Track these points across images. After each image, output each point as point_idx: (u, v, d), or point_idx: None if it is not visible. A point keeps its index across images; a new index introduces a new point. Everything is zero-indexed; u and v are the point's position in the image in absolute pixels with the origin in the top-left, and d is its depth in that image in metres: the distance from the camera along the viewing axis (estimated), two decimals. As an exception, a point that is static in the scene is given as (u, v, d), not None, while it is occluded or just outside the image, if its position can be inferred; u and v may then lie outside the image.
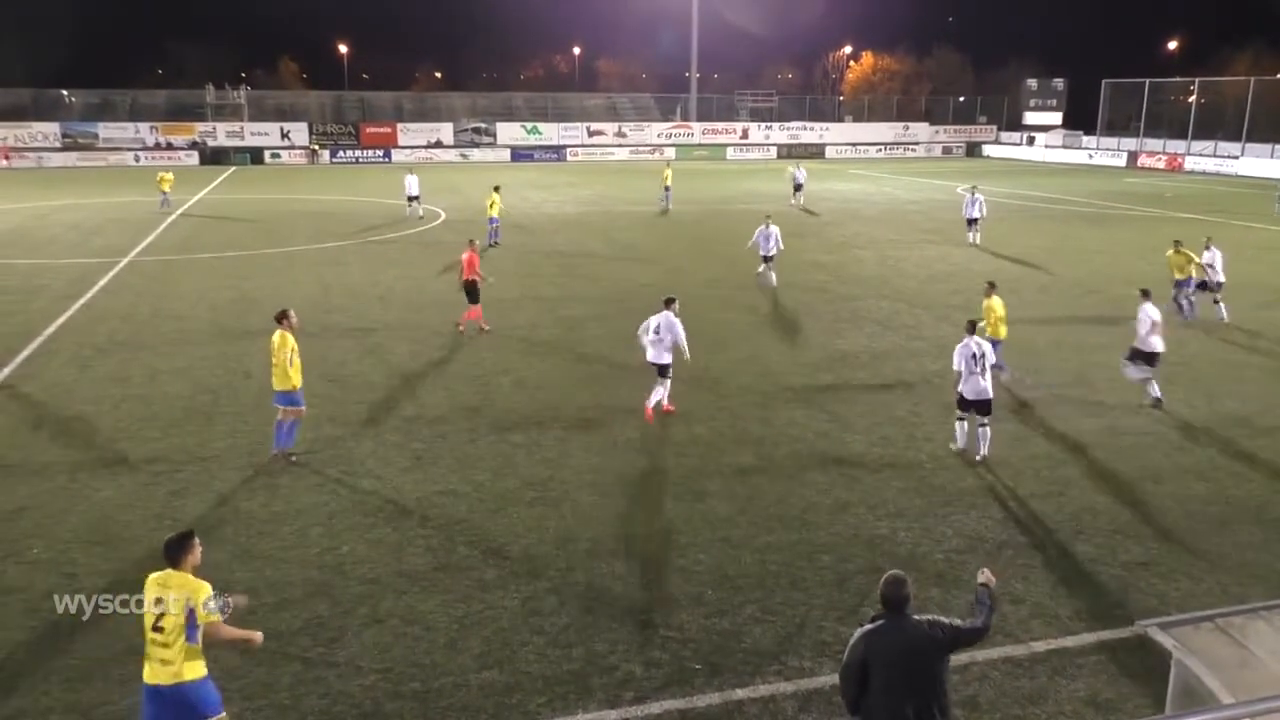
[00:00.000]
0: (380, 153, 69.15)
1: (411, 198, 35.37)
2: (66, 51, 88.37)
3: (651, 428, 13.04)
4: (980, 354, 11.68)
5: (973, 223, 30.05)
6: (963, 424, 12.08)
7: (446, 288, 22.30)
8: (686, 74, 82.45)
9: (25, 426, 13.12)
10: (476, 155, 70.65)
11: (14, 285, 22.72)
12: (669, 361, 13.28)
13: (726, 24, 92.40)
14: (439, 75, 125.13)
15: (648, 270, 25.27)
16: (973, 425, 11.98)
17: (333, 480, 11.21)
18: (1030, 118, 79.65)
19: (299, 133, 68.77)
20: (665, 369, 13.32)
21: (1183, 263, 19.53)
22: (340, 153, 68.26)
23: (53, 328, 18.57)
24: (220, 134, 67.54)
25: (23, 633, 7.99)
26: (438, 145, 70.86)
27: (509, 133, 72.88)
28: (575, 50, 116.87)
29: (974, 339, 11.82)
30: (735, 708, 7.08)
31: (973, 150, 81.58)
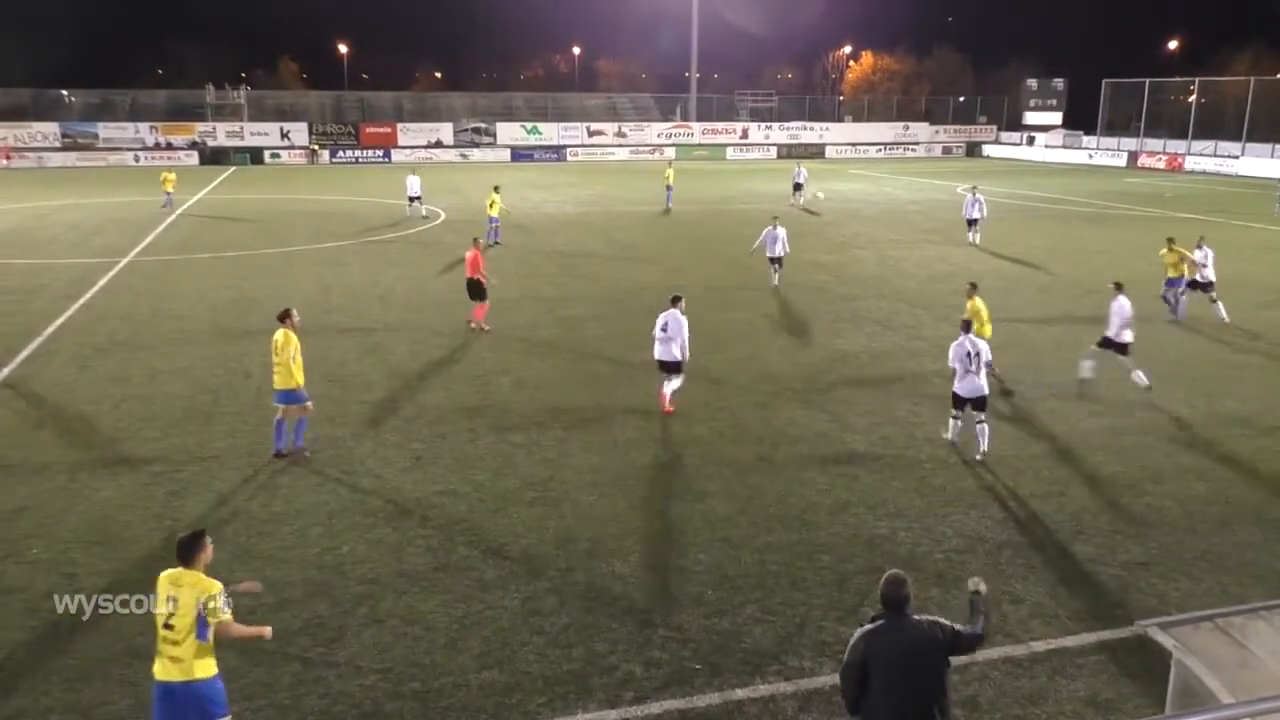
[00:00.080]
0: (380, 153, 69.15)
1: (413, 198, 35.42)
2: (66, 51, 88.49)
3: (651, 427, 13.04)
4: (975, 353, 11.80)
5: (972, 223, 30.07)
6: (956, 420, 12.22)
7: (446, 288, 22.32)
8: (686, 74, 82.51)
9: (25, 426, 13.13)
10: (476, 155, 70.64)
11: (14, 285, 22.73)
12: (677, 358, 13.37)
13: (726, 24, 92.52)
14: (439, 75, 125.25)
15: (648, 270, 25.27)
16: (969, 422, 12.03)
17: (333, 480, 11.21)
18: (1030, 118, 79.63)
19: (299, 133, 68.77)
20: (672, 365, 13.41)
21: (1175, 261, 19.51)
22: (340, 153, 68.23)
23: (53, 328, 18.57)
24: (220, 134, 67.55)
25: (23, 633, 7.99)
26: (438, 145, 70.84)
27: (509, 133, 72.88)
28: (575, 50, 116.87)
29: (969, 338, 11.96)
30: (735, 708, 7.08)
31: (973, 150, 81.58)
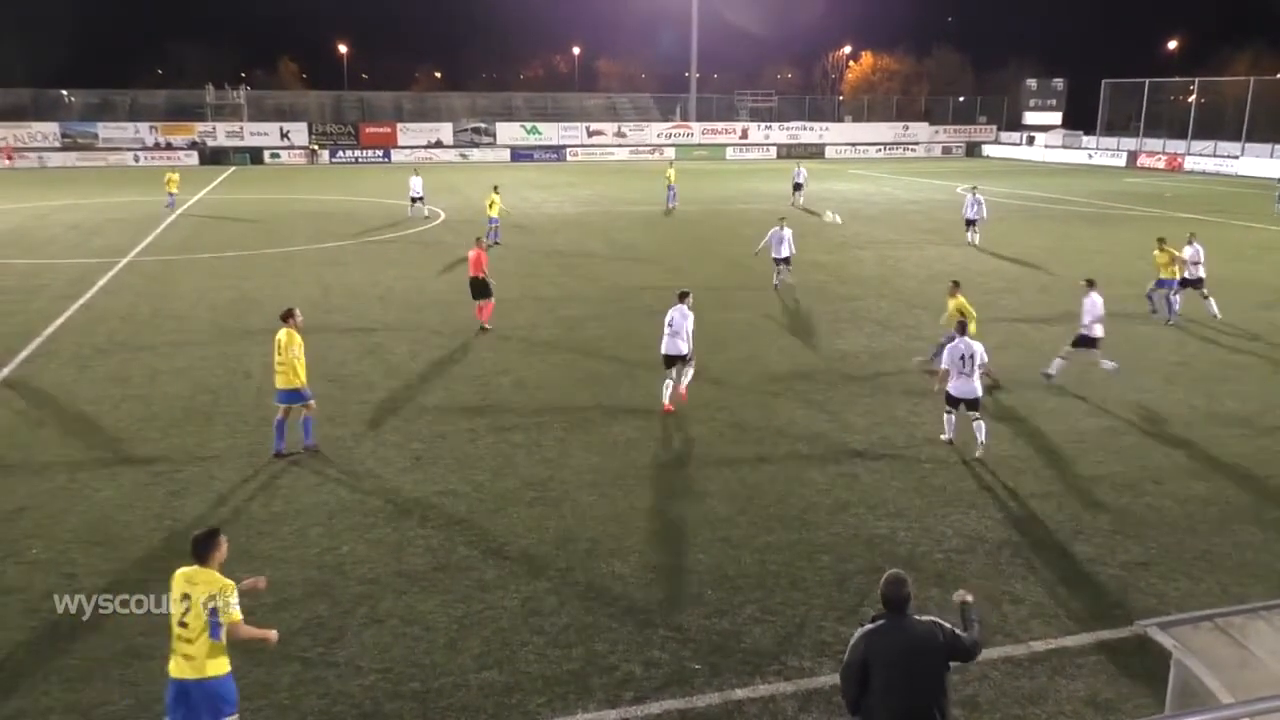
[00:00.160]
0: (380, 153, 69.15)
1: (415, 198, 35.42)
2: (66, 51, 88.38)
3: (651, 427, 13.04)
4: (970, 354, 11.86)
5: (971, 223, 30.06)
6: (950, 416, 12.30)
7: (446, 288, 22.32)
8: (686, 74, 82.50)
9: (25, 426, 13.13)
10: (476, 155, 70.63)
11: (14, 285, 22.73)
12: (684, 352, 13.52)
13: (726, 24, 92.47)
14: (439, 75, 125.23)
15: (648, 270, 25.27)
16: (964, 421, 12.06)
17: (333, 480, 11.22)
18: (1030, 118, 79.63)
19: (299, 133, 68.76)
20: (679, 358, 13.58)
21: (1166, 261, 19.45)
22: (340, 153, 68.21)
23: (52, 328, 18.57)
24: (220, 134, 67.54)
25: (23, 633, 8.00)
26: (437, 145, 70.83)
27: (509, 133, 72.86)
28: (575, 50, 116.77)
29: (964, 339, 12.07)
30: (735, 708, 7.08)
31: (972, 150, 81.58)
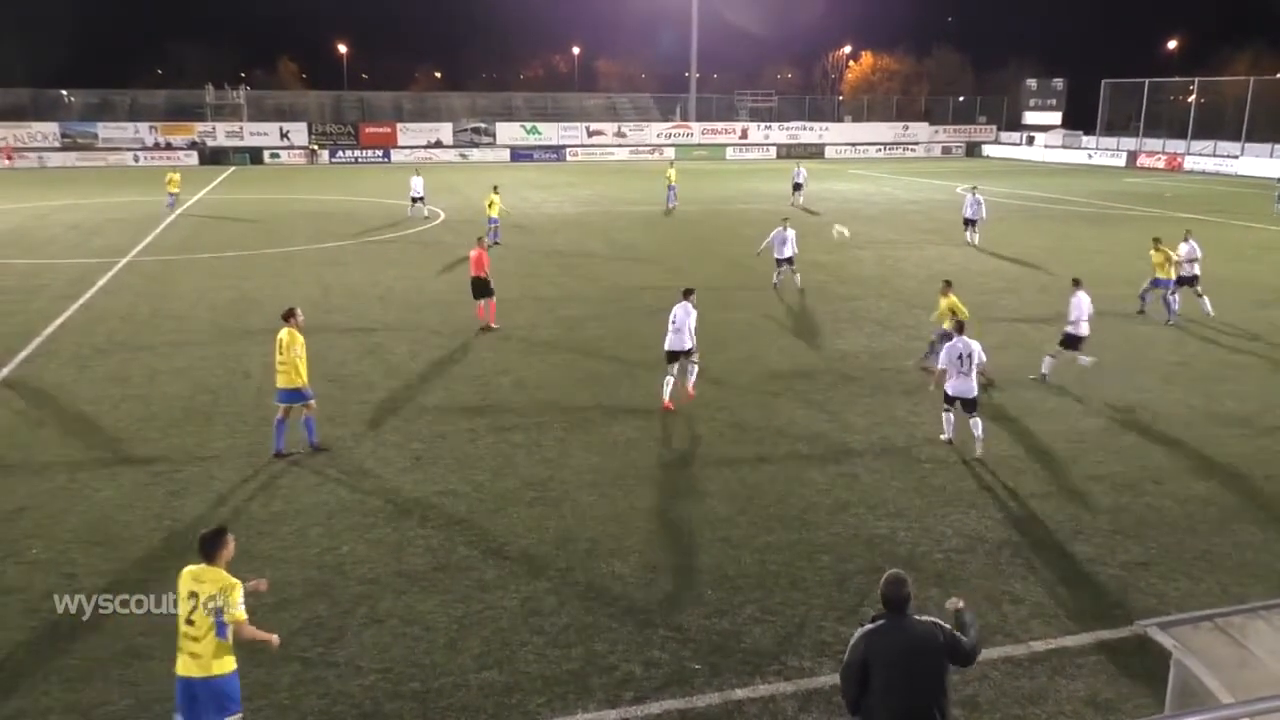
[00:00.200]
0: (380, 153, 69.14)
1: (416, 198, 35.42)
2: (66, 51, 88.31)
3: (651, 427, 13.05)
4: (968, 354, 11.89)
5: (971, 223, 30.06)
6: (948, 415, 12.33)
7: (446, 288, 22.32)
8: (686, 74, 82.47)
9: (25, 426, 13.12)
10: (476, 155, 70.62)
11: (13, 285, 22.72)
12: (687, 347, 13.63)
13: (726, 24, 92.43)
14: (439, 75, 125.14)
15: (648, 270, 25.27)
16: (963, 421, 12.06)
17: (332, 480, 11.21)
18: (1030, 118, 79.64)
19: (298, 133, 68.75)
20: (683, 353, 13.66)
21: (1162, 261, 19.41)
22: (339, 153, 68.20)
23: (52, 328, 18.57)
24: (220, 134, 67.53)
25: (23, 633, 8.00)
26: (437, 145, 70.82)
27: (508, 133, 72.85)
28: (575, 50, 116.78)
29: (962, 339, 12.10)
30: (735, 708, 7.08)
31: (972, 150, 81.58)
